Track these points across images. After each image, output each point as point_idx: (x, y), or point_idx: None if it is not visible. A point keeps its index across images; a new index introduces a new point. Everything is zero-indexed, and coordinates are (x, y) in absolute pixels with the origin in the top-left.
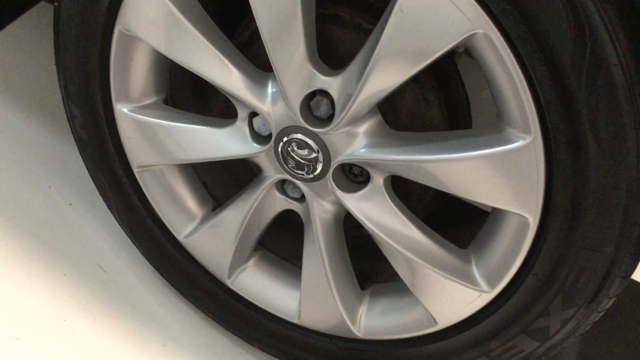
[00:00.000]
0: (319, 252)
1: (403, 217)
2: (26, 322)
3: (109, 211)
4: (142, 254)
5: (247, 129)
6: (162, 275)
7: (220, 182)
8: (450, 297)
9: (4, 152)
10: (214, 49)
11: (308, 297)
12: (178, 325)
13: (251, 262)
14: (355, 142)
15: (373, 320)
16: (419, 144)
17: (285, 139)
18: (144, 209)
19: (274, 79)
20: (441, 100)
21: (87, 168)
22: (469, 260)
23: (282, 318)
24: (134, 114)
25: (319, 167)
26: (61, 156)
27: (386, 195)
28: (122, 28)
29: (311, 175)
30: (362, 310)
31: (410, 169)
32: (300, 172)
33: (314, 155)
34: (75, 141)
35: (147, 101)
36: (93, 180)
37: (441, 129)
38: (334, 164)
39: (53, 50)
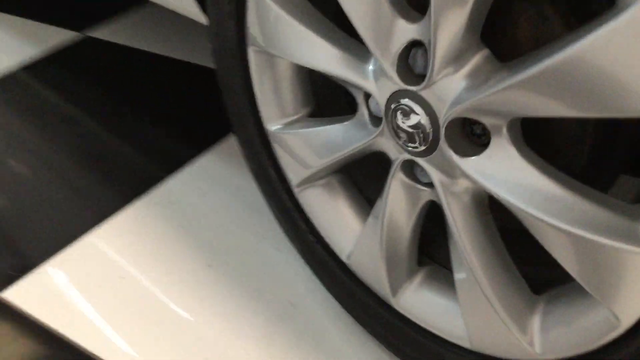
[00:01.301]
0: (461, 249)
1: (542, 176)
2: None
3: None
4: (319, 280)
5: (365, 113)
6: (340, 304)
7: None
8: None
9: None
10: (311, 32)
11: (468, 313)
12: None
13: (418, 278)
14: (460, 88)
15: (551, 333)
16: (541, 57)
17: (391, 110)
18: (311, 233)
19: None
20: (564, 14)
21: (265, 200)
22: None
23: (456, 344)
24: (283, 132)
25: (429, 132)
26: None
27: (515, 150)
28: (253, 47)
29: (424, 146)
30: (536, 322)
31: (534, 96)
32: (413, 145)
33: (418, 118)
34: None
35: (294, 117)
36: (272, 213)
37: None
38: (443, 122)
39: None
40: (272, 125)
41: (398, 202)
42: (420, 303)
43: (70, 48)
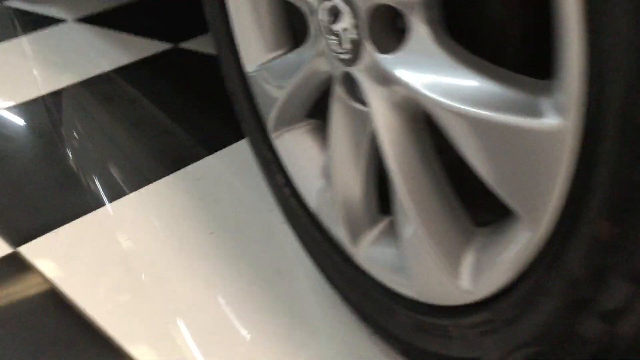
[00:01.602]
0: (392, 178)
1: (463, 67)
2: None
3: None
4: (297, 238)
5: (312, 31)
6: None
7: None
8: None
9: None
10: None
11: (408, 255)
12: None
13: (379, 228)
14: None
15: (481, 269)
16: None
17: (321, 12)
18: (286, 186)
19: None
20: None
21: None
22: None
23: (405, 296)
24: (258, 72)
25: (354, 30)
26: None
27: (434, 39)
28: None
29: (349, 46)
30: (470, 259)
31: None
32: (343, 51)
33: (342, 14)
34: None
35: (269, 56)
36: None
37: None
38: (364, 14)
39: None
40: (250, 67)
41: (343, 128)
42: (378, 254)
43: (158, 56)
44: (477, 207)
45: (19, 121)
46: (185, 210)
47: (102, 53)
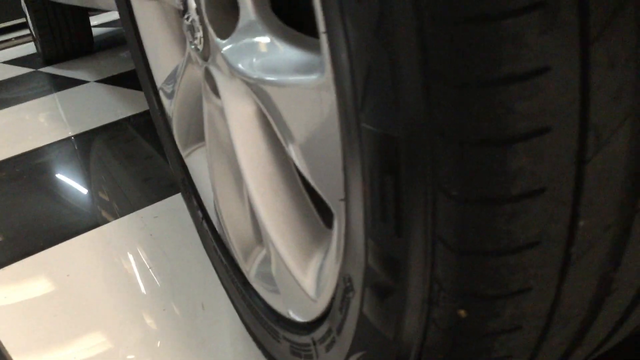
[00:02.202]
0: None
1: (289, 45)
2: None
3: None
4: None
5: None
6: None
7: None
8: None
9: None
10: None
11: (275, 270)
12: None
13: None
14: None
15: (322, 273)
16: None
17: (177, 5)
18: (199, 208)
19: None
20: None
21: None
22: None
23: (284, 316)
24: (165, 85)
25: (195, 16)
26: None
27: (260, 19)
28: None
29: (200, 36)
30: (315, 264)
31: None
32: (196, 44)
33: (187, 3)
34: None
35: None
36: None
37: None
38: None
39: None
40: (159, 82)
41: (214, 131)
42: (265, 272)
43: None
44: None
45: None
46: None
47: (114, 105)
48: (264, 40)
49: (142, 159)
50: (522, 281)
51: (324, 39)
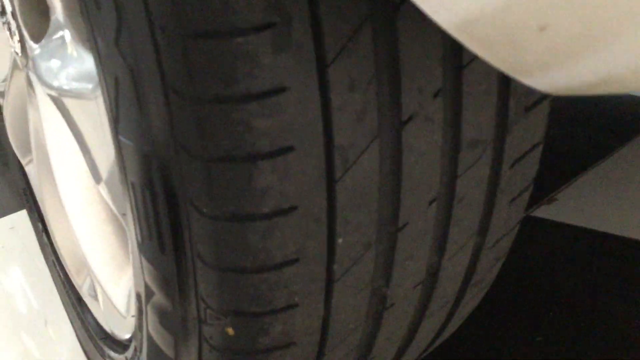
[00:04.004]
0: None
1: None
2: None
3: None
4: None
5: None
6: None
7: None
8: None
9: None
10: None
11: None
12: None
13: None
14: None
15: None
16: None
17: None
18: (40, 222)
19: None
20: None
21: None
22: None
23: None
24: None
25: (10, 18)
26: None
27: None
28: None
29: (17, 39)
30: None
31: None
32: (15, 48)
33: (5, 5)
34: None
35: None
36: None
37: None
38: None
39: None
40: None
41: (37, 136)
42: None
43: None
44: None
45: None
46: None
47: None
48: (68, 46)
49: None
50: (287, 298)
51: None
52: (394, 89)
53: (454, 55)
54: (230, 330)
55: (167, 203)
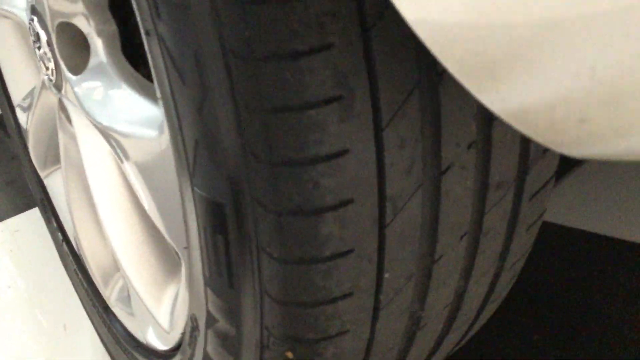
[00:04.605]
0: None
1: (133, 91)
2: None
3: None
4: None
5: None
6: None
7: None
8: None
9: None
10: None
11: (134, 298)
12: None
13: None
14: None
15: (176, 305)
16: None
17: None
18: (58, 230)
19: None
20: None
21: None
22: None
23: (142, 343)
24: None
25: (47, 49)
26: None
27: (109, 62)
28: None
29: (52, 67)
30: (169, 296)
31: None
32: (49, 75)
33: (39, 34)
34: None
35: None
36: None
37: None
38: (53, 32)
39: None
40: (16, 99)
41: (68, 158)
42: (124, 297)
43: None
44: None
45: None
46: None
47: None
48: (114, 84)
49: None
50: (340, 326)
51: (161, 104)
52: (435, 144)
53: (485, 111)
54: (290, 354)
55: (239, 247)
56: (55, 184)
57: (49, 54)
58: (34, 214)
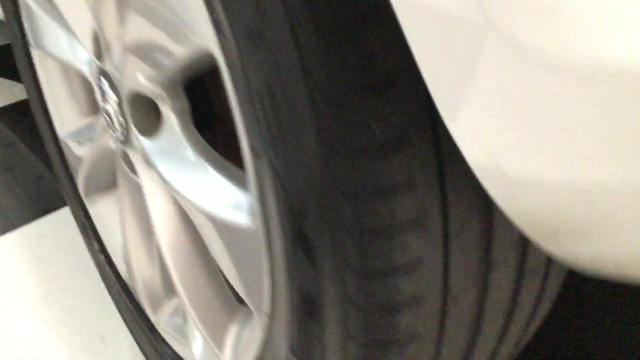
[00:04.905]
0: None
1: (202, 160)
2: None
3: None
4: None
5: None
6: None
7: None
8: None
9: None
10: (54, 23)
11: (189, 329)
12: None
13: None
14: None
15: (240, 343)
16: None
17: (99, 91)
18: (101, 252)
19: None
20: None
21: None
22: None
23: None
24: (68, 139)
25: (117, 112)
26: None
27: (181, 131)
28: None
29: (119, 127)
30: (232, 334)
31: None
32: (114, 130)
33: (108, 96)
34: None
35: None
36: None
37: None
38: (125, 98)
39: None
40: (62, 133)
41: (129, 202)
42: (174, 324)
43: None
44: None
45: None
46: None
47: None
48: (189, 156)
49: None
50: None
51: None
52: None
53: None
54: None
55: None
56: (101, 210)
57: (116, 110)
58: (56, 218)
